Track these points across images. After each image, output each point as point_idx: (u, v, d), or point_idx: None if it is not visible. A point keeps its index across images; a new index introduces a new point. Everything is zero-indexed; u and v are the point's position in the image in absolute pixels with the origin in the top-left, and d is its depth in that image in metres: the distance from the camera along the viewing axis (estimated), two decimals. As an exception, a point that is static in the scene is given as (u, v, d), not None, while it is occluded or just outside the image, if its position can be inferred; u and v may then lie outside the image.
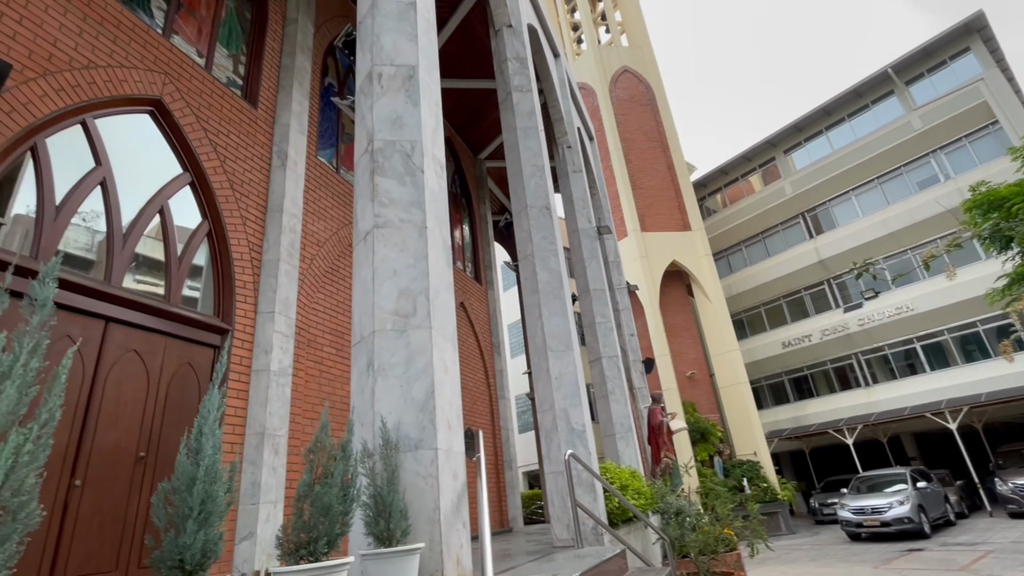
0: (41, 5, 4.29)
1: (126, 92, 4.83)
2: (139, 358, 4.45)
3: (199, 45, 5.97)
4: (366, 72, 3.69)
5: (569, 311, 6.29)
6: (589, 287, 9.42)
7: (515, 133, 7.15)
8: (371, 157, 3.32)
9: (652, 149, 23.64)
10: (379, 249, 3.06)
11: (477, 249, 12.80)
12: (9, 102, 3.90)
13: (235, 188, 5.76)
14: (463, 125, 13.14)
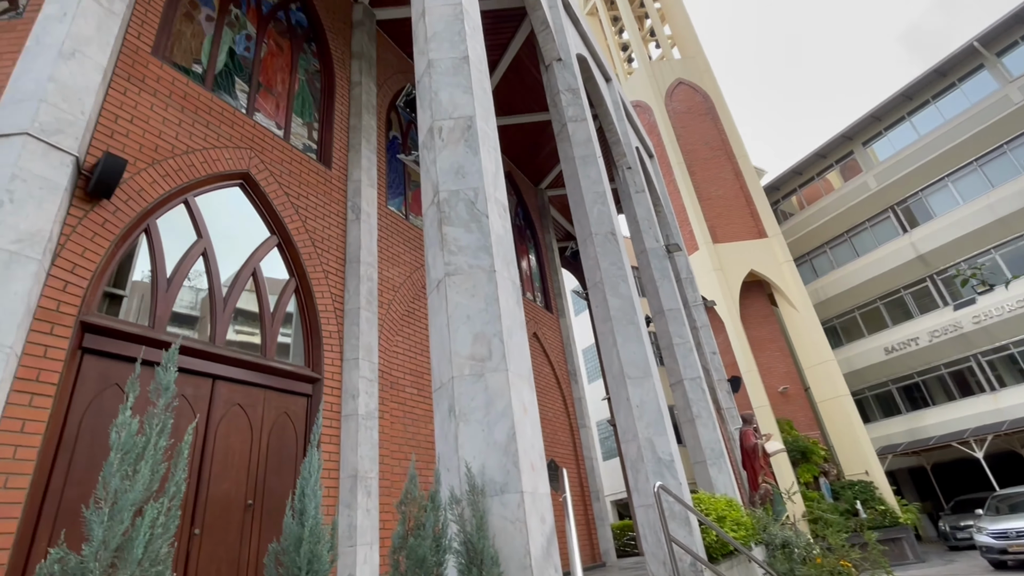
0: (147, 103, 4.90)
1: (219, 170, 5.37)
2: (243, 411, 4.81)
3: (277, 118, 6.54)
4: (427, 127, 3.89)
5: (644, 336, 6.14)
6: (663, 308, 9.16)
7: (573, 163, 7.20)
8: (438, 208, 3.47)
9: (716, 158, 22.94)
10: (451, 296, 3.16)
11: (545, 278, 12.85)
12: (126, 191, 4.45)
13: (316, 245, 6.19)
14: (522, 158, 13.42)
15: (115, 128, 4.54)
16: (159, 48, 5.28)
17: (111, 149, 4.43)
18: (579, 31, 10.21)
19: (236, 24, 6.46)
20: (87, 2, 4.45)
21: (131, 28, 5.00)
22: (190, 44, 5.73)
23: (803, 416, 19.07)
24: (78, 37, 4.28)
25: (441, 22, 4.27)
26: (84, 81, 4.20)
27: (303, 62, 7.39)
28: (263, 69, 6.62)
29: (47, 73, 4.01)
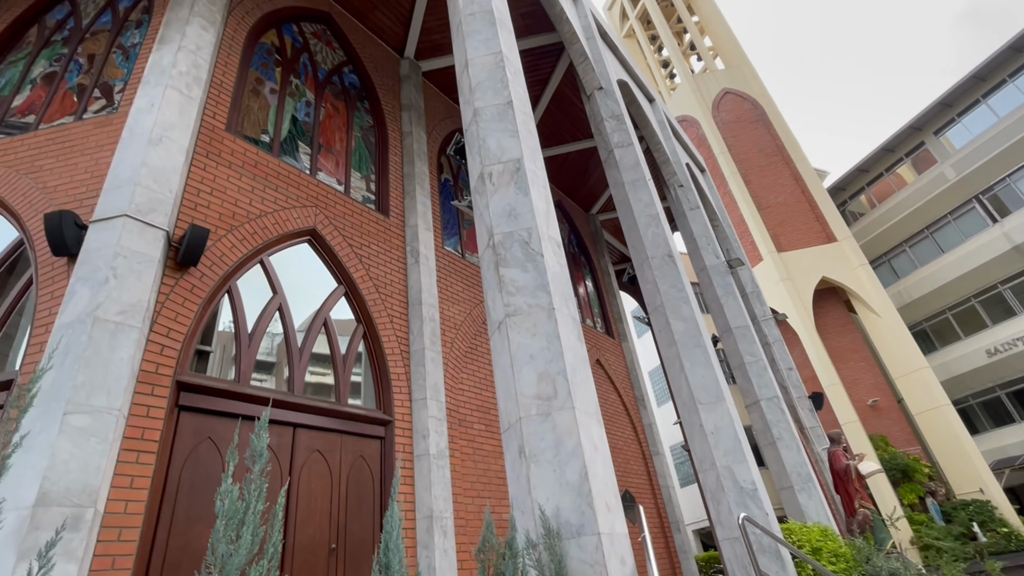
0: (224, 176, 5.37)
1: (289, 229, 5.76)
2: (322, 457, 5.02)
3: (338, 175, 6.96)
4: (477, 173, 4.03)
5: (713, 359, 5.93)
6: (730, 326, 8.83)
7: (623, 188, 7.19)
8: (493, 251, 3.57)
9: (772, 164, 22.16)
10: (513, 336, 3.21)
11: (604, 303, 12.72)
12: (210, 258, 4.85)
13: (380, 290, 6.45)
14: (571, 186, 13.51)
15: (198, 201, 4.99)
16: (232, 124, 5.79)
17: (195, 221, 4.86)
18: (618, 57, 10.31)
19: (296, 93, 7.00)
20: (171, 92, 4.98)
21: (207, 109, 5.53)
22: (257, 117, 6.25)
23: (899, 431, 17.56)
24: (164, 124, 4.78)
25: (484, 71, 4.46)
26: (170, 163, 4.67)
27: (358, 119, 7.87)
28: (323, 131, 7.10)
29: (140, 159, 4.49)
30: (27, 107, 5.79)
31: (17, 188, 4.87)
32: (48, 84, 5.98)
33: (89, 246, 4.08)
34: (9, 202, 4.81)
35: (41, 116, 5.63)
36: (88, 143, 5.07)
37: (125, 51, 6.05)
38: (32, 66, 6.23)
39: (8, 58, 6.41)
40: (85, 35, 6.41)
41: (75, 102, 5.69)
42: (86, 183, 4.76)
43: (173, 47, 5.28)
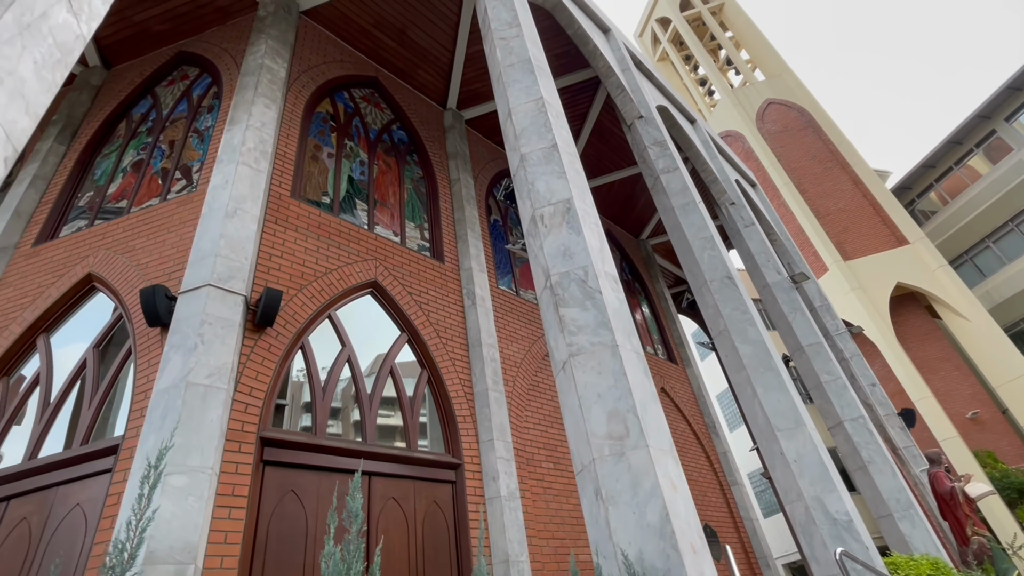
0: (292, 239, 5.74)
1: (352, 283, 6.05)
2: (397, 505, 5.10)
3: (394, 227, 7.28)
4: (529, 216, 4.13)
5: (787, 382, 5.67)
6: (801, 344, 8.41)
7: (674, 213, 7.13)
8: (551, 291, 3.62)
9: (828, 171, 21.32)
10: (579, 376, 3.22)
11: (663, 328, 12.44)
12: (283, 317, 5.15)
13: (440, 335, 6.61)
14: (618, 213, 13.49)
15: (270, 264, 5.35)
16: (295, 190, 6.22)
17: (269, 284, 5.20)
18: (654, 84, 10.38)
19: (351, 154, 7.45)
20: (242, 168, 5.43)
21: (274, 179, 5.97)
22: (318, 180, 6.69)
23: (1008, 445, 15.93)
24: (237, 197, 5.19)
25: (527, 118, 4.62)
26: (244, 232, 5.05)
27: (408, 172, 8.25)
28: (377, 187, 7.49)
29: (218, 231, 4.88)
30: (120, 193, 6.45)
31: (115, 267, 5.40)
32: (136, 171, 6.66)
33: (179, 315, 4.44)
34: (109, 281, 5.33)
35: (132, 200, 6.26)
36: (173, 221, 5.57)
37: (200, 134, 6.67)
38: (123, 156, 6.96)
39: (103, 151, 7.20)
40: (165, 124, 7.13)
41: (160, 185, 6.29)
42: (173, 257, 5.22)
43: (242, 126, 5.78)
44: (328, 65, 7.87)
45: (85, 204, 6.53)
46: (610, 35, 9.33)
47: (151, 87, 7.78)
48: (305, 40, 7.78)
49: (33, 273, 5.75)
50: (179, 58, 7.82)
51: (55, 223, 6.36)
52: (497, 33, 5.45)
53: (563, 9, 8.13)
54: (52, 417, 4.76)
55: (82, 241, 5.85)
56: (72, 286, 5.45)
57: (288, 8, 7.63)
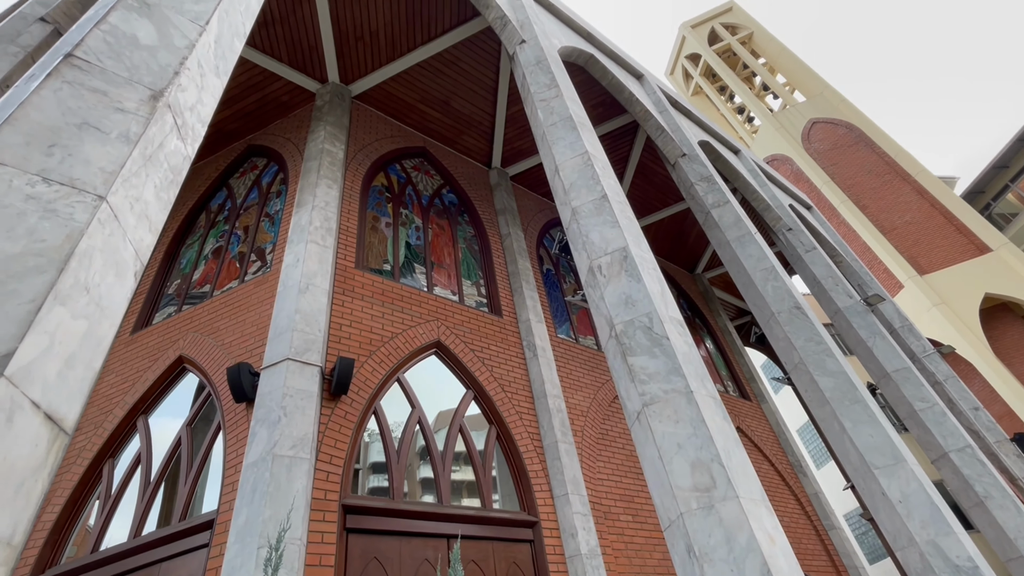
0: (359, 307, 6.02)
1: (417, 345, 6.24)
2: (478, 568, 5.03)
3: (451, 287, 7.51)
4: (586, 268, 4.19)
5: (877, 413, 5.30)
6: (886, 370, 7.87)
7: (729, 247, 7.01)
8: (617, 341, 3.61)
9: (887, 184, 20.42)
10: (655, 426, 3.16)
11: (731, 364, 11.96)
12: (356, 384, 5.35)
13: (505, 389, 6.64)
14: (671, 250, 13.36)
15: (341, 334, 5.62)
16: (359, 261, 6.57)
17: (341, 353, 5.45)
18: (693, 120, 10.46)
19: (407, 221, 7.83)
20: (311, 246, 5.82)
21: (339, 253, 6.35)
22: (378, 249, 7.05)
23: None
24: (308, 274, 5.55)
25: (575, 172, 4.76)
26: (316, 306, 5.36)
27: (461, 232, 8.56)
28: (433, 249, 7.80)
29: (293, 307, 5.21)
30: (203, 279, 7.02)
31: (202, 348, 5.82)
32: (216, 257, 7.25)
33: (263, 390, 4.70)
34: (198, 361, 5.74)
35: (214, 284, 6.79)
36: (251, 300, 5.99)
37: (271, 218, 7.23)
38: (204, 245, 7.62)
39: (187, 242, 7.91)
40: (240, 211, 7.78)
41: (238, 268, 6.81)
42: (253, 335, 5.58)
43: (308, 207, 6.24)
44: (380, 142, 8.43)
45: (173, 292, 7.13)
46: (644, 80, 9.56)
47: (226, 179, 8.56)
48: (358, 121, 8.40)
49: (132, 359, 6.28)
50: (249, 151, 8.61)
51: (149, 311, 6.96)
52: (537, 96, 5.71)
53: (596, 63, 8.44)
54: (152, 495, 5.07)
55: (173, 326, 6.37)
56: (166, 368, 5.90)
57: (342, 95, 8.31)
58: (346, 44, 8.10)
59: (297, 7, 7.53)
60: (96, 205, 1.61)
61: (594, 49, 8.66)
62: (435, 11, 7.94)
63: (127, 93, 1.95)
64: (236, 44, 2.96)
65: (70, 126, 1.72)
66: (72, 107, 1.77)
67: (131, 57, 2.07)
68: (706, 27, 29.55)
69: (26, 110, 1.67)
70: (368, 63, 8.42)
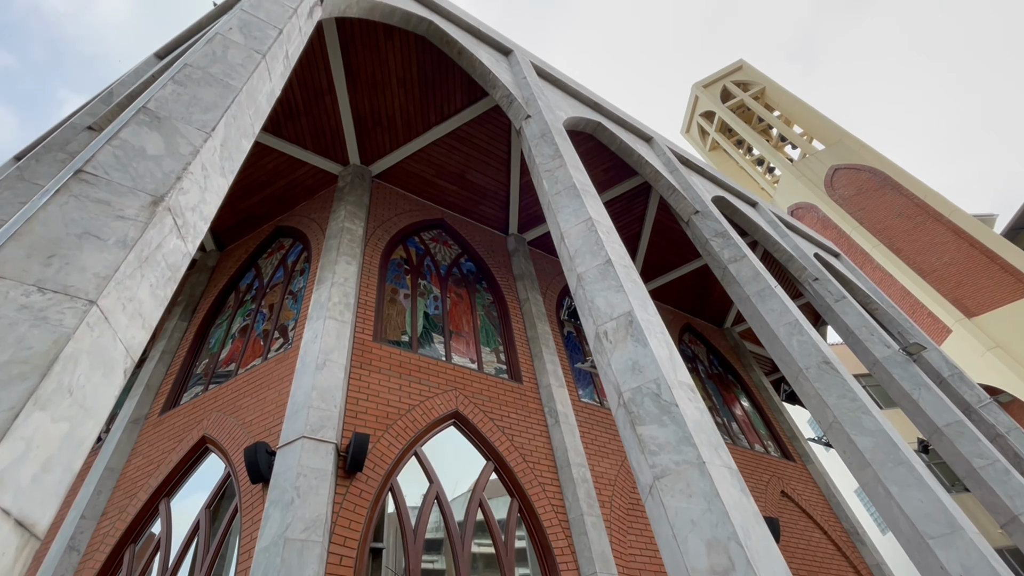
0: (376, 380, 6.06)
1: (435, 416, 6.18)
2: (500, 659, 4.70)
3: (470, 355, 7.51)
4: (593, 334, 4.15)
5: (924, 475, 4.90)
6: (936, 425, 7.35)
7: (749, 302, 6.86)
8: (625, 409, 3.51)
9: (920, 226, 19.89)
10: (667, 502, 2.99)
11: (769, 421, 11.38)
12: (372, 460, 5.29)
13: (526, 459, 6.45)
14: (695, 306, 13.14)
15: (357, 409, 5.63)
16: (377, 333, 6.68)
17: (357, 428, 5.44)
18: (706, 177, 10.56)
19: (425, 292, 7.98)
20: (329, 322, 5.96)
21: (357, 327, 6.48)
22: (396, 321, 7.16)
23: None
24: (326, 349, 5.65)
25: (579, 239, 4.82)
26: (333, 381, 5.41)
27: (479, 299, 8.65)
28: (451, 318, 7.88)
29: (310, 384, 5.27)
30: (230, 358, 7.22)
31: (224, 428, 5.90)
32: (243, 336, 7.49)
33: (277, 470, 4.69)
34: (219, 441, 5.81)
35: (239, 363, 6.97)
36: (272, 378, 6.11)
37: (294, 295, 7.49)
38: (232, 324, 7.89)
39: (216, 322, 8.22)
40: (266, 290, 8.09)
41: (262, 346, 7.00)
42: (272, 413, 5.64)
43: (327, 284, 6.45)
44: (399, 216, 8.77)
45: (201, 371, 7.34)
46: (653, 142, 9.79)
47: (255, 260, 8.98)
48: (378, 199, 8.80)
49: (158, 440, 6.40)
50: (276, 232, 9.06)
51: (178, 392, 7.16)
52: (542, 166, 5.90)
53: (603, 130, 8.72)
54: (170, 582, 5.00)
55: (198, 406, 6.51)
56: (189, 449, 5.97)
57: (362, 176, 8.77)
58: (365, 129, 8.64)
59: (320, 99, 8.13)
60: (86, 310, 1.71)
61: (601, 117, 8.97)
62: (447, 94, 8.44)
63: (129, 201, 2.11)
64: (244, 144, 3.19)
65: (71, 236, 1.87)
66: (75, 218, 1.92)
67: (137, 167, 2.25)
68: (717, 86, 30.40)
69: (32, 225, 1.82)
70: (387, 144, 8.91)
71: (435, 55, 7.86)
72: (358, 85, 8.07)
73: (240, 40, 3.63)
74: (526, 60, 8.18)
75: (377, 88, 8.16)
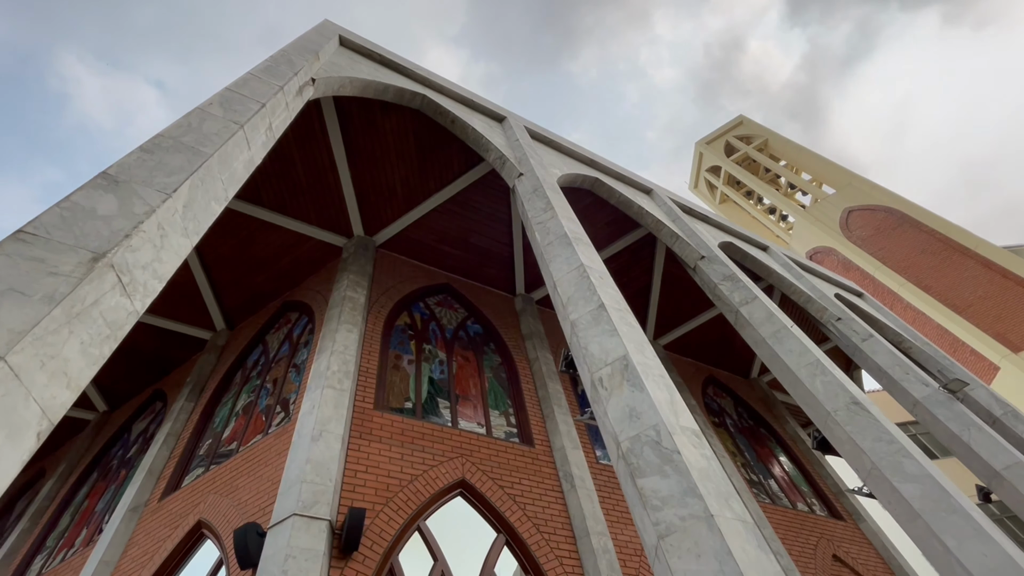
0: (376, 451, 5.78)
1: (440, 486, 5.82)
2: None
3: (478, 419, 7.20)
4: (588, 382, 3.90)
5: (984, 524, 4.33)
6: (994, 469, 6.65)
7: (766, 344, 6.51)
8: (624, 461, 3.20)
9: (947, 261, 19.26)
10: (674, 564, 2.63)
11: (810, 477, 10.53)
12: (370, 537, 4.93)
13: (541, 530, 5.97)
14: (717, 357, 12.64)
15: (355, 482, 5.33)
16: (379, 401, 6.47)
17: (354, 502, 5.12)
18: (712, 224, 10.46)
19: (430, 357, 7.81)
20: (327, 391, 5.79)
21: (357, 395, 6.29)
22: (400, 388, 6.96)
23: None
24: (323, 420, 5.44)
25: (571, 286, 4.67)
26: (329, 453, 5.16)
27: (487, 361, 8.43)
28: (457, 382, 7.64)
29: (304, 457, 5.03)
30: (232, 437, 7.04)
31: (219, 510, 5.63)
32: (247, 413, 7.34)
33: (266, 553, 4.37)
34: (214, 525, 5.52)
35: (241, 440, 6.78)
36: (270, 454, 5.88)
37: (297, 368, 7.38)
38: (237, 402, 7.77)
39: (223, 400, 8.11)
40: (271, 365, 8.02)
41: (264, 421, 6.83)
42: (268, 491, 5.37)
43: (327, 353, 6.34)
44: (403, 283, 8.78)
45: (204, 452, 7.15)
46: (653, 194, 9.81)
47: (262, 336, 8.99)
48: (382, 267, 8.86)
49: (155, 528, 6.12)
50: (284, 307, 9.12)
51: (179, 476, 6.94)
52: (534, 219, 5.88)
53: (601, 184, 8.79)
54: None
55: (197, 489, 6.27)
56: (183, 536, 5.68)
57: (366, 246, 8.89)
58: (367, 201, 8.85)
59: (323, 175, 8.41)
60: (-10, 366, 1.59)
61: (598, 172, 9.07)
62: (445, 161, 8.67)
63: (67, 258, 2.05)
64: (214, 207, 3.20)
65: (-7, 293, 1.78)
66: (2, 276, 1.85)
67: (83, 226, 2.22)
68: (720, 142, 31.03)
69: (-47, 284, 1.75)
70: (389, 214, 9.10)
71: (431, 125, 8.15)
72: (358, 160, 8.35)
73: (219, 113, 3.75)
74: (519, 124, 8.42)
75: (377, 161, 8.44)
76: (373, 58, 7.42)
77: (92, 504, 8.21)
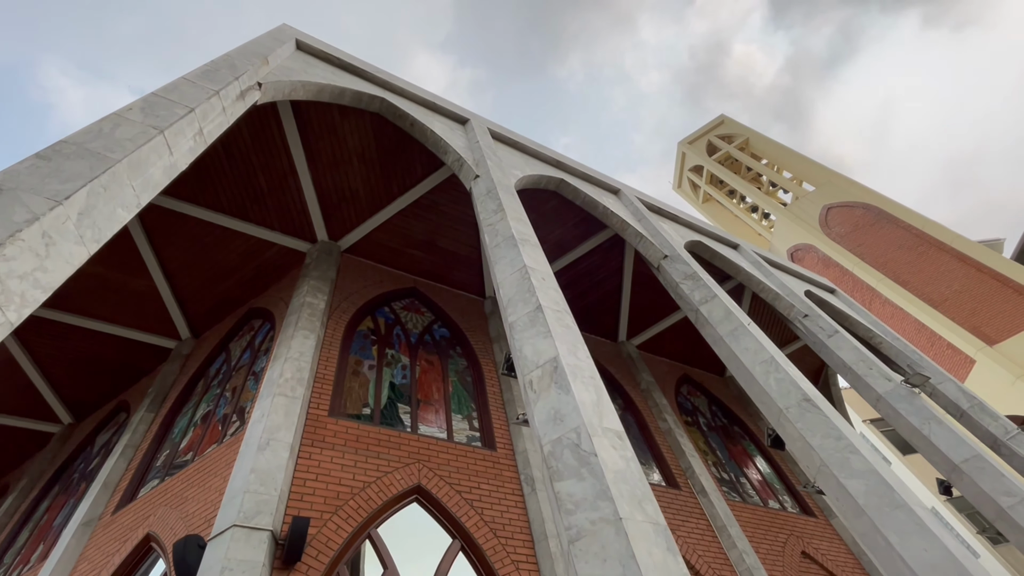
0: (327, 458, 5.70)
1: (393, 493, 5.74)
2: None
3: (439, 423, 7.14)
4: (522, 385, 3.85)
5: (925, 519, 4.32)
6: (953, 462, 6.68)
7: (723, 343, 6.50)
8: (546, 464, 3.15)
9: (923, 256, 19.43)
10: (581, 568, 2.58)
11: (784, 476, 10.55)
12: (315, 547, 4.85)
13: (498, 534, 5.90)
14: (693, 356, 12.66)
15: (304, 490, 5.24)
16: (334, 408, 6.39)
17: (301, 511, 5.03)
18: (681, 223, 10.47)
19: (392, 361, 7.74)
20: (278, 399, 5.71)
21: (312, 402, 6.20)
22: (358, 393, 6.88)
23: None
24: (271, 428, 5.35)
25: (512, 288, 4.63)
26: (276, 462, 5.08)
27: (453, 365, 8.37)
28: (420, 386, 7.57)
29: (249, 467, 4.94)
30: (189, 447, 6.92)
31: (167, 523, 5.52)
32: (205, 422, 7.22)
33: (204, 565, 4.29)
34: (161, 538, 5.41)
35: (196, 451, 6.67)
36: (220, 464, 5.79)
37: (256, 376, 7.29)
38: (196, 411, 7.66)
39: (183, 410, 7.99)
40: (232, 373, 7.91)
41: (220, 431, 6.72)
42: (214, 502, 5.28)
43: (281, 360, 6.26)
44: (367, 288, 8.70)
45: (161, 463, 7.03)
46: (621, 194, 9.80)
47: (226, 344, 8.87)
48: (346, 272, 8.78)
49: (106, 542, 6.00)
50: (248, 314, 9.01)
51: (135, 488, 6.82)
52: (485, 221, 5.84)
53: (567, 185, 8.76)
54: None
55: (149, 501, 6.16)
56: (132, 550, 5.57)
57: (329, 251, 8.81)
58: (330, 205, 8.77)
59: (283, 180, 8.32)
60: None
61: (564, 173, 9.05)
62: (407, 164, 8.61)
63: (-80, 269, 1.97)
64: (121, 213, 3.12)
65: None
66: None
67: (-52, 237, 2.14)
68: (702, 141, 31.19)
69: None
70: (353, 218, 9.02)
71: (392, 128, 8.09)
72: (319, 164, 8.28)
73: (137, 118, 3.68)
74: (482, 126, 8.38)
75: (338, 165, 8.36)
76: (331, 62, 7.36)
77: (51, 518, 8.05)
